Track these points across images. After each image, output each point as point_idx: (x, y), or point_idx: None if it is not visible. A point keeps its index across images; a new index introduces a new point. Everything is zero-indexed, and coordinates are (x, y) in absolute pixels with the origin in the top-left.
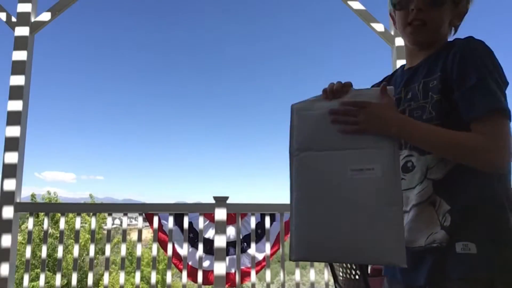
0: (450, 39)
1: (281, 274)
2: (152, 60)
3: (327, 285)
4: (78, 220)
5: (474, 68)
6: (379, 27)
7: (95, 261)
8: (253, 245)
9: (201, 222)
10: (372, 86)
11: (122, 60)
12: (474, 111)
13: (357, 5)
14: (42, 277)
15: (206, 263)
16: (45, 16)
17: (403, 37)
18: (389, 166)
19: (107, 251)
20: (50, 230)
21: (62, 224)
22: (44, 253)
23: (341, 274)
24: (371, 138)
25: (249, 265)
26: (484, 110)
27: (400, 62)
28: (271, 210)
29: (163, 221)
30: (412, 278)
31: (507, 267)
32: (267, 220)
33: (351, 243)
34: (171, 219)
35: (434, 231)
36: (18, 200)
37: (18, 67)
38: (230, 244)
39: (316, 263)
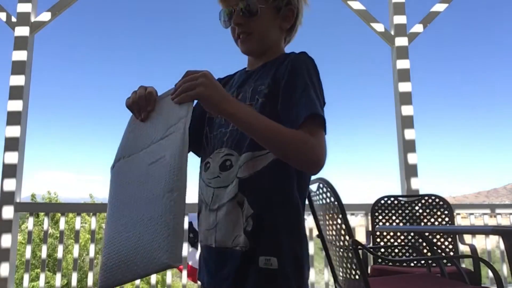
0: (290, 40)
1: None
2: (153, 59)
3: (327, 285)
4: (78, 220)
5: (301, 81)
6: (379, 27)
7: (95, 261)
8: None
9: None
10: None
11: (123, 60)
12: (297, 118)
13: (357, 5)
14: (42, 277)
15: None
16: (45, 16)
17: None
18: (176, 149)
19: None
20: (50, 230)
21: (62, 224)
22: (44, 253)
23: (341, 274)
24: (171, 123)
25: None
26: (305, 115)
27: (400, 62)
28: None
29: None
30: (218, 283)
31: (301, 274)
32: None
33: (136, 255)
34: None
35: (238, 234)
36: (18, 200)
37: (18, 67)
38: None
39: (316, 263)
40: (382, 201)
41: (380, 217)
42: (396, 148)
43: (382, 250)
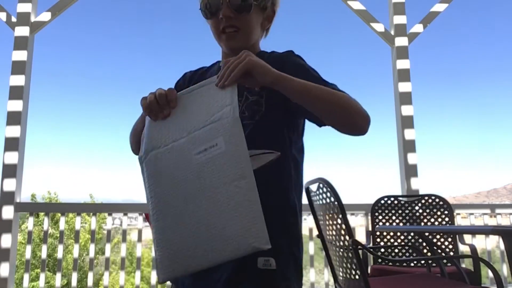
0: (263, 40)
1: None
2: (154, 60)
3: (327, 285)
4: (78, 220)
5: (311, 75)
6: (379, 27)
7: (95, 261)
8: None
9: None
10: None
11: (123, 60)
12: None
13: (357, 5)
14: (42, 277)
15: None
16: (45, 16)
17: (219, 43)
18: (231, 134)
19: (107, 251)
20: (50, 230)
21: (62, 224)
22: (44, 253)
23: (341, 274)
24: (215, 110)
25: None
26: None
27: (400, 62)
28: None
29: None
30: (207, 286)
31: (299, 275)
32: None
33: (205, 243)
34: None
35: None
36: (18, 200)
37: (18, 67)
38: None
39: (316, 263)
40: (382, 201)
41: (380, 217)
42: (396, 148)
43: (382, 250)
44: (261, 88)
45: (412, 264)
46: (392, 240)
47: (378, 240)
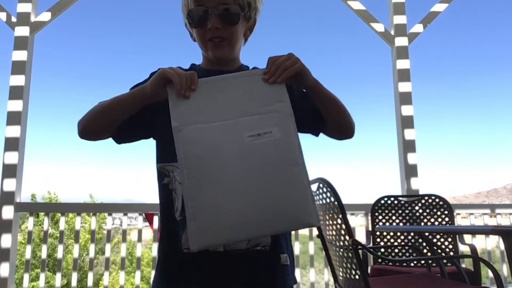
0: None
1: None
2: (154, 59)
3: (327, 285)
4: (78, 220)
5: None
6: (379, 27)
7: (95, 261)
8: None
9: None
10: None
11: (123, 60)
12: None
13: (357, 5)
14: (42, 277)
15: None
16: (45, 16)
17: (204, 51)
18: (286, 126)
19: (107, 251)
20: (50, 230)
21: (62, 224)
22: (44, 253)
23: (341, 274)
24: (265, 102)
25: None
26: None
27: (400, 62)
28: None
29: None
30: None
31: (294, 268)
32: None
33: (260, 214)
34: None
35: None
36: (18, 200)
37: (18, 67)
38: None
39: (316, 263)
40: (382, 201)
41: (380, 217)
42: (396, 148)
43: (382, 250)
44: None
45: (412, 264)
46: (392, 240)
47: (378, 240)
